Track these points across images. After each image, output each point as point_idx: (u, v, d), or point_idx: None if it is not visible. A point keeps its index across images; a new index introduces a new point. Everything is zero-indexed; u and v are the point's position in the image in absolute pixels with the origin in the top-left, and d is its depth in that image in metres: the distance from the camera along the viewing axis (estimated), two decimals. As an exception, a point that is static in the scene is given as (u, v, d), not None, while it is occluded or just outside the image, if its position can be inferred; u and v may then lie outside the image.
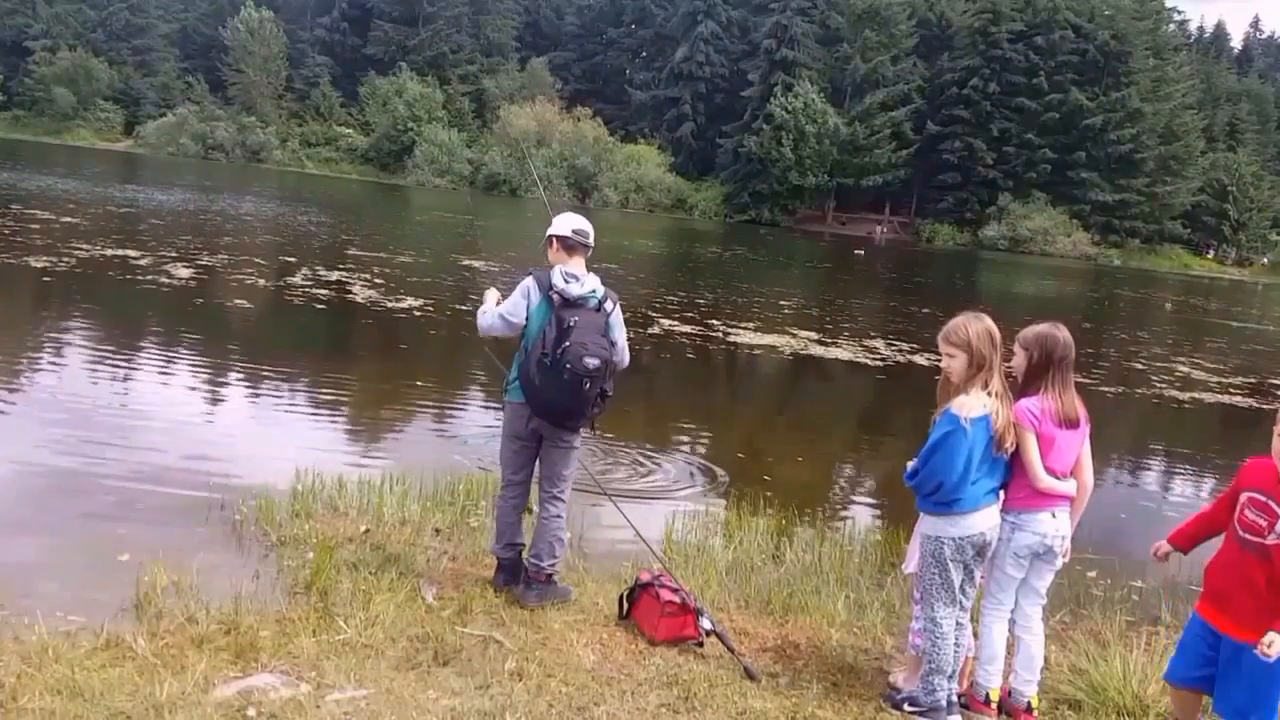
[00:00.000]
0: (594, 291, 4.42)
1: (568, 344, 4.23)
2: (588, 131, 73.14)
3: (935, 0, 77.31)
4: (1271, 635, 3.00)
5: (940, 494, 3.62)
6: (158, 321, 12.46)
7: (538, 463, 4.65)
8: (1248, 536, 3.14)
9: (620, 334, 4.52)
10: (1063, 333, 3.78)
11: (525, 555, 4.64)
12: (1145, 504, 8.89)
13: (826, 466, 9.05)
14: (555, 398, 4.32)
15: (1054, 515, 3.75)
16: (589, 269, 4.54)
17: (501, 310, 4.54)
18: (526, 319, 4.45)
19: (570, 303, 4.35)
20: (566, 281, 4.38)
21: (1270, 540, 3.09)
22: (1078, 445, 3.78)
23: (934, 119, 71.83)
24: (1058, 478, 3.72)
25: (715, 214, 71.91)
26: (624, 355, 4.56)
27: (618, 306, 4.51)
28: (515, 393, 4.49)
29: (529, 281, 4.48)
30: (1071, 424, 3.72)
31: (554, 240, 4.55)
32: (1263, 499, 3.11)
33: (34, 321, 11.59)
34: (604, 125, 75.42)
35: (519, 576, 4.62)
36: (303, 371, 10.49)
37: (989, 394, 3.58)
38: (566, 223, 4.56)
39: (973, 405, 3.56)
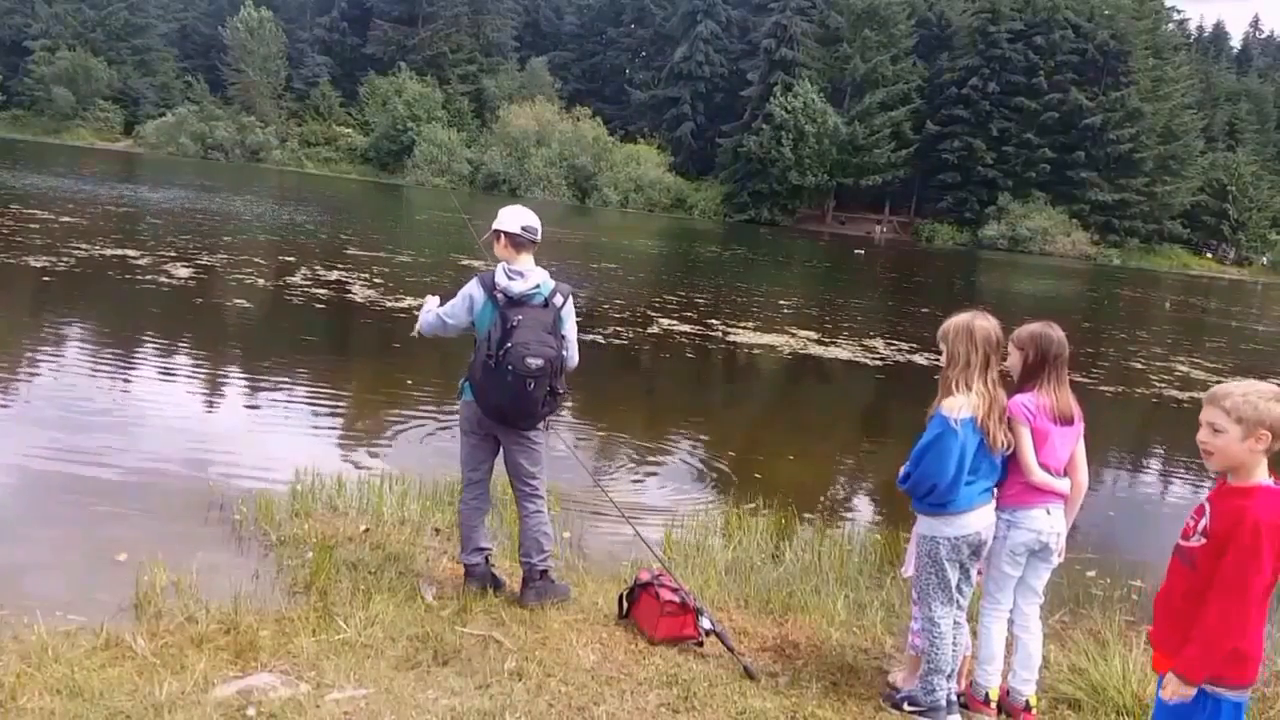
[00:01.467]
0: (538, 287, 4.32)
1: (510, 345, 4.15)
2: (587, 131, 73.11)
3: (934, 0, 77.32)
4: (1169, 676, 2.64)
5: (934, 495, 3.63)
6: (157, 321, 12.45)
7: (502, 463, 4.58)
8: (1179, 542, 2.78)
9: (571, 329, 4.40)
10: (1057, 331, 3.80)
11: (517, 556, 4.63)
12: (1144, 504, 8.90)
13: (826, 466, 9.05)
14: (501, 400, 4.25)
15: (1048, 512, 3.76)
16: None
17: (441, 311, 4.45)
18: (472, 322, 4.38)
19: (515, 301, 4.26)
20: (510, 279, 4.30)
21: (1194, 542, 2.70)
22: (1072, 442, 3.80)
23: (933, 119, 71.82)
24: (1051, 474, 3.73)
25: (715, 214, 71.90)
26: (574, 352, 4.43)
27: (569, 300, 4.39)
28: (467, 392, 4.44)
29: (472, 284, 4.39)
30: (1066, 421, 3.75)
31: (501, 235, 4.42)
32: (1203, 502, 2.77)
33: (33, 321, 11.58)
34: (603, 125, 75.42)
35: (489, 585, 4.57)
36: (302, 371, 10.48)
37: (972, 393, 3.59)
38: (514, 217, 4.42)
39: (961, 406, 3.57)
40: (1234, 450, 2.63)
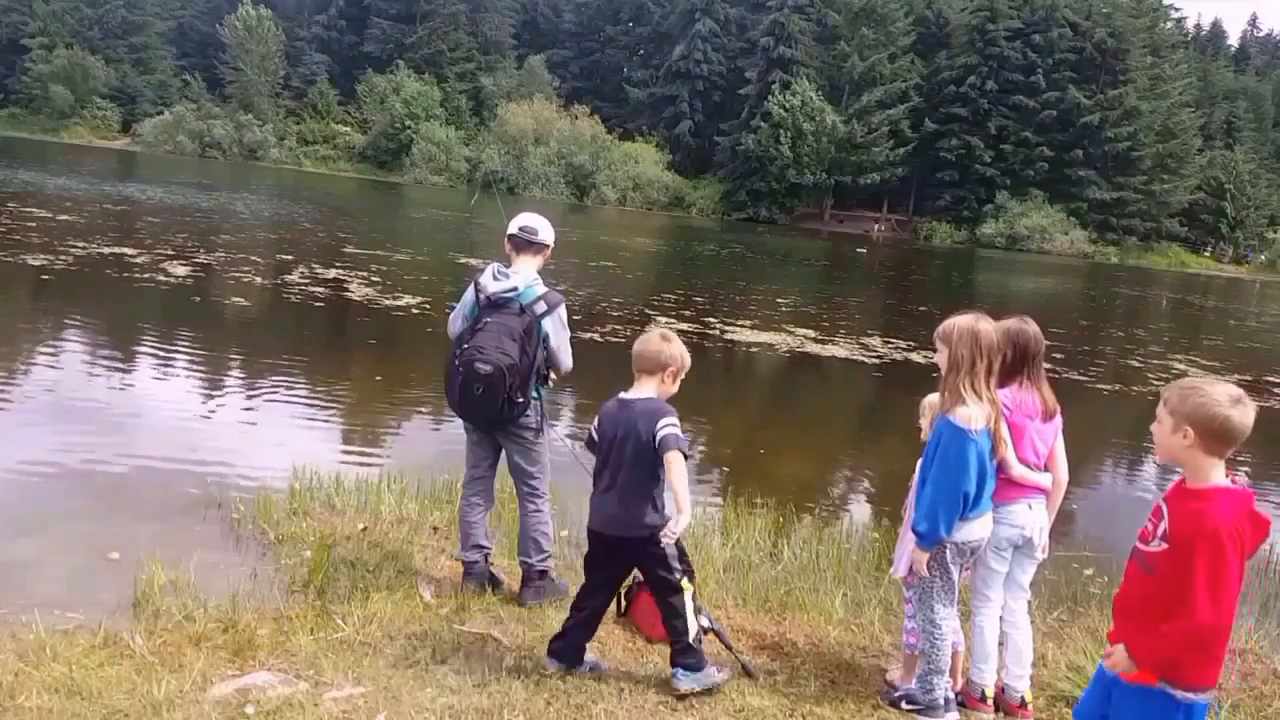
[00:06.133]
0: (515, 290, 4.27)
1: (467, 346, 4.19)
2: (585, 129, 73.07)
3: (932, -2, 77.38)
4: (1119, 649, 2.60)
5: (960, 513, 3.57)
6: (155, 320, 12.45)
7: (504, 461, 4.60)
8: (1137, 545, 2.68)
9: (555, 338, 4.32)
10: (1033, 327, 3.79)
11: (516, 556, 4.64)
12: (1141, 502, 8.90)
13: (824, 464, 9.05)
14: (457, 399, 4.30)
15: (1030, 507, 3.77)
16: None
17: (453, 315, 4.53)
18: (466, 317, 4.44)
19: (493, 303, 4.28)
20: (496, 279, 4.31)
21: (1153, 546, 2.60)
22: (1051, 438, 3.81)
23: (931, 117, 71.84)
24: (1030, 468, 3.74)
25: (713, 212, 71.88)
26: (562, 358, 4.36)
27: (555, 310, 4.31)
28: None
29: (470, 283, 4.47)
30: (1046, 416, 3.76)
31: (506, 239, 4.52)
32: (1159, 503, 2.65)
33: (31, 320, 11.58)
34: (602, 123, 75.37)
35: (488, 583, 4.57)
36: (300, 369, 10.48)
37: (984, 401, 3.53)
38: (515, 220, 4.54)
39: (976, 415, 3.50)
40: (1166, 443, 2.57)
